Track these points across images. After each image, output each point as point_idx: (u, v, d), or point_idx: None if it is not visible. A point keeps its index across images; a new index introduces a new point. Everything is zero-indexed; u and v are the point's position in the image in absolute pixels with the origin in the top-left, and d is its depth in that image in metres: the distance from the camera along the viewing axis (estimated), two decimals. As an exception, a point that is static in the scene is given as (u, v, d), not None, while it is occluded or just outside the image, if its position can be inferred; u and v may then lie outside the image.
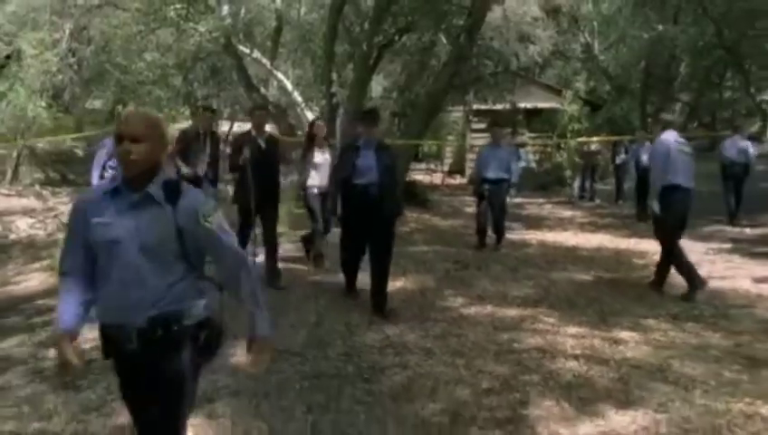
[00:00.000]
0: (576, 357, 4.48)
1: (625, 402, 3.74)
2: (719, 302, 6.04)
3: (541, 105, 21.71)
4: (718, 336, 4.98)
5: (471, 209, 10.99)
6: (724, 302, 6.04)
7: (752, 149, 10.97)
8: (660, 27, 21.93)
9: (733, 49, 20.21)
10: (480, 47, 15.80)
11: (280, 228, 7.49)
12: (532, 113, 21.66)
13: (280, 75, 17.27)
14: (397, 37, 15.62)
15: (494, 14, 16.43)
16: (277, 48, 19.00)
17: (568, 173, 17.89)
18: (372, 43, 12.33)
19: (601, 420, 3.53)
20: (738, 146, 10.92)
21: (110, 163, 5.80)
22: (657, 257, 8.13)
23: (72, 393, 3.97)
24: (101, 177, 5.85)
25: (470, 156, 18.33)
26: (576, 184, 15.77)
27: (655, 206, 6.27)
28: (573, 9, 25.32)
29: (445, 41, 15.73)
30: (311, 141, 7.18)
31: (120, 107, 29.14)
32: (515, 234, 10.01)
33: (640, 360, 4.43)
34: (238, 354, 4.61)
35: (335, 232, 6.83)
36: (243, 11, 19.99)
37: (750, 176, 10.88)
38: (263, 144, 6.33)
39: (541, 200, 15.46)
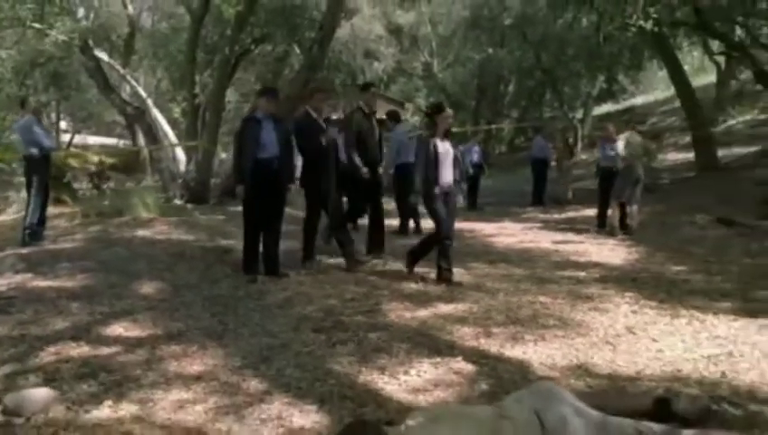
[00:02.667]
0: (416, 281, 5.87)
1: (450, 301, 5.15)
2: (526, 255, 7.72)
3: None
4: (521, 270, 6.58)
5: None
6: (530, 255, 7.73)
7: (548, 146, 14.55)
8: (490, 50, 24.59)
9: (549, 72, 23.18)
10: (330, 59, 17.20)
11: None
12: (379, 123, 23.42)
13: (132, 81, 17.57)
14: (253, 46, 16.69)
15: (344, 30, 17.96)
16: (130, 53, 19.28)
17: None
18: (233, 49, 13.26)
19: (433, 308, 4.90)
20: (539, 145, 14.37)
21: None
22: (486, 232, 9.89)
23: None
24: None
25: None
26: (417, 181, 17.54)
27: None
28: (413, 30, 27.62)
29: (298, 51, 16.99)
30: (433, 133, 6.00)
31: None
32: (365, 219, 11.36)
33: (463, 282, 5.87)
34: (143, 288, 5.54)
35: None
36: (92, 15, 20.07)
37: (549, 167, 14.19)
38: (372, 121, 6.34)
39: (386, 199, 17.04)
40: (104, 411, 3.11)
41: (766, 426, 2.67)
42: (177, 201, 12.94)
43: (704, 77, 23.93)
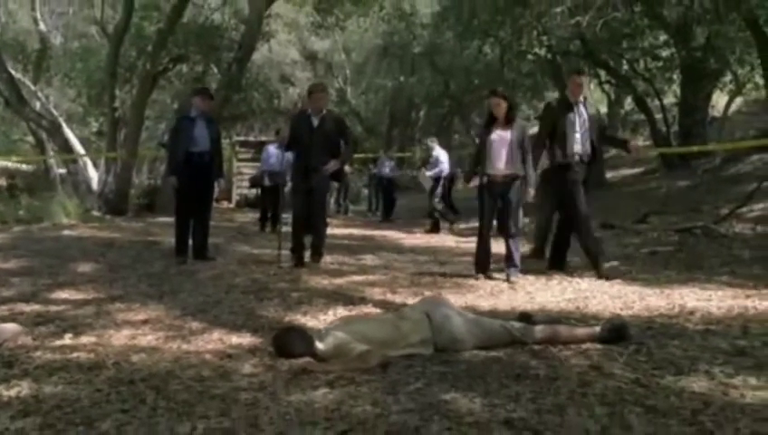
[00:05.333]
0: (332, 263, 6.58)
1: (362, 274, 5.90)
2: (431, 249, 8.58)
3: (302, 139, 24.25)
4: (425, 257, 7.45)
5: (242, 219, 13.09)
6: (434, 249, 8.61)
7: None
8: (402, 78, 25.74)
9: (457, 99, 24.53)
10: (248, 80, 17.77)
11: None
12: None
13: (43, 98, 17.45)
14: (171, 65, 17.03)
15: (261, 53, 18.58)
16: (41, 69, 19.19)
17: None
18: (155, 63, 13.64)
19: (348, 278, 5.65)
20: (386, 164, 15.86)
21: None
22: (397, 236, 10.70)
23: None
24: None
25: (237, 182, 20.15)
26: (332, 200, 18.32)
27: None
28: (328, 56, 28.58)
29: (216, 71, 17.48)
30: (490, 121, 5.83)
31: None
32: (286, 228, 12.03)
33: (371, 266, 6.65)
34: (80, 267, 5.98)
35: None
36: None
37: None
38: (315, 122, 6.25)
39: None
40: (66, 342, 3.63)
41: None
42: (96, 213, 13.10)
43: (600, 107, 26.01)
